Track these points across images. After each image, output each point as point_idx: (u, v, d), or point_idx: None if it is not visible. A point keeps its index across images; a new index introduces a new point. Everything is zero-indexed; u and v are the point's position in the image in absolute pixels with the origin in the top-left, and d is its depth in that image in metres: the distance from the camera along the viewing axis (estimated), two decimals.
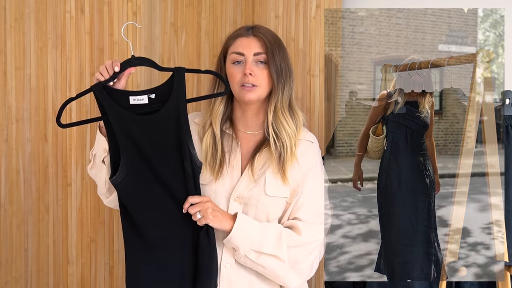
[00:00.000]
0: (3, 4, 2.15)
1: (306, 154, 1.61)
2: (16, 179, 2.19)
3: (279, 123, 1.58)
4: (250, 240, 1.51)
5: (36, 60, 2.15)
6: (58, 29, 2.13)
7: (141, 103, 1.52)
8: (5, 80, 2.16)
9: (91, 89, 1.50)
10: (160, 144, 1.52)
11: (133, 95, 1.52)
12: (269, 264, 1.53)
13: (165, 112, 1.51)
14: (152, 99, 1.52)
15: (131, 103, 1.51)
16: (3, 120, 2.17)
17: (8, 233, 2.20)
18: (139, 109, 1.52)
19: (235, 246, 1.52)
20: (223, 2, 2.15)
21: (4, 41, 2.15)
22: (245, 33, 1.58)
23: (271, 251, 1.52)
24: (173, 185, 1.52)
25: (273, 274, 1.55)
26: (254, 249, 1.51)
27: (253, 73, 1.55)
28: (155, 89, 1.53)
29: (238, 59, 1.57)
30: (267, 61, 1.56)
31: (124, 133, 1.50)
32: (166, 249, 1.53)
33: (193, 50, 2.18)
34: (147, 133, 1.51)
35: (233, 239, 1.51)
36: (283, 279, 1.55)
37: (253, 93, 1.56)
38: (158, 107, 1.52)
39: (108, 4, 2.10)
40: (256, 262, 1.52)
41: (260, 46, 1.56)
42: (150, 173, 1.52)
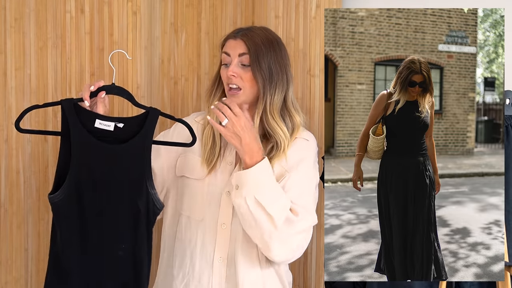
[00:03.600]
0: (3, 4, 2.15)
1: (298, 149, 1.63)
2: (16, 179, 2.19)
3: (270, 125, 1.59)
4: (260, 187, 1.48)
5: (36, 60, 2.15)
6: (58, 29, 2.14)
7: (106, 129, 1.48)
8: (5, 80, 2.16)
9: (60, 102, 1.47)
10: (115, 175, 1.48)
11: (100, 119, 1.48)
12: (261, 220, 1.48)
13: (129, 146, 1.48)
14: (119, 128, 1.48)
15: (95, 126, 1.47)
16: (3, 120, 2.18)
17: (8, 233, 2.20)
18: (102, 135, 1.48)
19: (241, 183, 1.49)
20: (223, 2, 2.16)
21: (4, 41, 2.16)
22: (233, 35, 1.61)
23: (270, 209, 1.48)
24: (119, 222, 1.48)
25: (258, 233, 1.50)
26: (257, 197, 1.47)
27: (236, 75, 1.57)
28: (124, 120, 1.50)
29: (226, 60, 1.60)
30: (250, 63, 1.56)
31: (80, 155, 1.46)
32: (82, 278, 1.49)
33: (193, 50, 2.18)
34: (106, 161, 1.47)
35: (247, 175, 1.48)
36: (266, 244, 1.51)
37: (236, 98, 1.58)
38: (123, 139, 1.48)
39: (108, 4, 2.10)
40: (250, 211, 1.48)
41: (244, 48, 1.57)
42: (94, 204, 1.48)
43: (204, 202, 1.61)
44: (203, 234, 1.60)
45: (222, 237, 1.59)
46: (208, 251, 1.60)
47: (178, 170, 1.67)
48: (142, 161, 1.49)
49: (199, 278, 1.59)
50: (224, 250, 1.59)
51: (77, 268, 1.48)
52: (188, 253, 1.62)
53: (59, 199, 1.46)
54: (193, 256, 1.61)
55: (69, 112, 1.47)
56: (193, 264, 1.61)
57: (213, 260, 1.59)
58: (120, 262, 1.50)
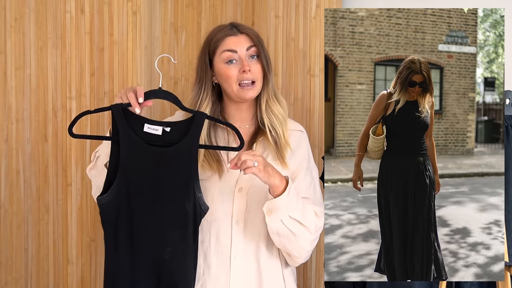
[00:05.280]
0: (3, 4, 2.15)
1: (300, 144, 1.68)
2: (16, 179, 2.19)
3: (270, 111, 1.63)
4: (292, 206, 1.53)
5: (36, 60, 2.15)
6: (58, 29, 2.14)
7: (154, 133, 1.50)
8: (5, 80, 2.16)
9: (110, 108, 1.50)
10: (164, 178, 1.51)
11: (149, 123, 1.51)
12: (299, 232, 1.56)
13: (177, 149, 1.50)
14: (167, 132, 1.51)
15: (144, 130, 1.50)
16: (3, 120, 2.18)
17: (8, 233, 2.20)
18: (150, 139, 1.50)
19: (275, 208, 1.52)
20: (223, 2, 2.16)
21: (4, 41, 2.16)
22: (231, 32, 1.61)
23: (304, 221, 1.55)
24: (166, 225, 1.51)
25: (296, 243, 1.57)
26: (291, 215, 1.53)
27: (251, 69, 1.58)
28: (171, 124, 1.52)
29: (232, 57, 1.59)
30: (259, 53, 1.60)
31: (130, 158, 1.49)
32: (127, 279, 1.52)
33: (193, 50, 2.18)
34: (154, 165, 1.50)
35: (280, 201, 1.51)
36: (304, 250, 1.59)
37: (253, 91, 1.60)
38: (171, 143, 1.51)
39: (108, 4, 2.10)
40: (289, 229, 1.54)
41: (250, 41, 1.61)
42: (142, 206, 1.51)
43: (216, 201, 1.60)
44: (216, 233, 1.60)
45: (238, 234, 1.59)
46: (224, 249, 1.59)
47: None
48: (189, 163, 1.51)
49: (216, 277, 1.59)
50: (240, 247, 1.59)
51: (125, 271, 1.51)
52: (202, 254, 1.61)
53: (106, 200, 1.49)
54: (208, 256, 1.60)
55: (118, 117, 1.49)
56: (208, 264, 1.60)
57: (230, 258, 1.59)
58: (166, 265, 1.51)
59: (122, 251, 1.51)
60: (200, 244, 1.60)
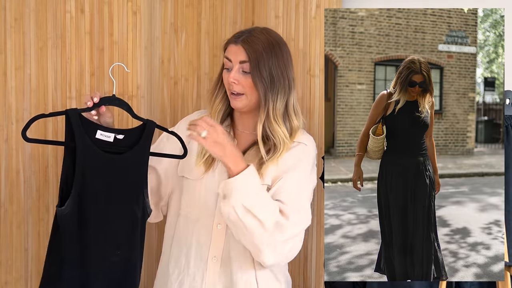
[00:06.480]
0: (3, 4, 2.15)
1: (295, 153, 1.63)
2: (16, 179, 2.19)
3: (273, 129, 1.59)
4: (248, 193, 1.48)
5: (36, 60, 2.15)
6: (58, 29, 2.14)
7: (106, 140, 1.53)
8: (5, 80, 2.16)
9: (66, 112, 1.50)
10: (116, 183, 1.53)
11: (102, 130, 1.52)
12: (251, 225, 1.48)
13: (129, 156, 1.54)
14: (119, 140, 1.53)
15: (96, 137, 1.52)
16: (3, 120, 2.17)
17: (8, 233, 2.20)
18: (103, 145, 1.52)
19: (229, 191, 1.48)
20: (223, 2, 2.16)
21: (4, 41, 2.15)
22: (234, 40, 1.60)
23: (259, 214, 1.47)
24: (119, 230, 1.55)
25: (250, 239, 1.50)
26: (245, 204, 1.47)
27: (237, 81, 1.58)
28: (123, 131, 1.55)
29: (227, 65, 1.60)
30: (251, 71, 1.56)
31: (85, 164, 1.50)
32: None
33: (193, 50, 2.18)
34: (107, 171, 1.52)
35: (233, 183, 1.47)
36: (257, 248, 1.51)
37: (239, 102, 1.59)
38: (123, 150, 1.54)
39: (108, 4, 2.10)
40: (240, 218, 1.47)
41: (245, 56, 1.57)
42: (97, 214, 1.53)
43: (201, 202, 1.62)
44: (198, 234, 1.62)
45: (217, 237, 1.61)
46: (203, 250, 1.61)
47: (179, 170, 1.70)
48: (140, 170, 1.55)
49: (194, 276, 1.62)
50: (219, 250, 1.60)
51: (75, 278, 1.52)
52: (184, 252, 1.64)
53: (68, 210, 1.49)
54: (188, 255, 1.63)
55: (75, 122, 1.49)
56: (188, 262, 1.63)
57: (207, 259, 1.60)
58: (115, 267, 1.55)
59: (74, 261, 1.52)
60: (184, 242, 1.64)
